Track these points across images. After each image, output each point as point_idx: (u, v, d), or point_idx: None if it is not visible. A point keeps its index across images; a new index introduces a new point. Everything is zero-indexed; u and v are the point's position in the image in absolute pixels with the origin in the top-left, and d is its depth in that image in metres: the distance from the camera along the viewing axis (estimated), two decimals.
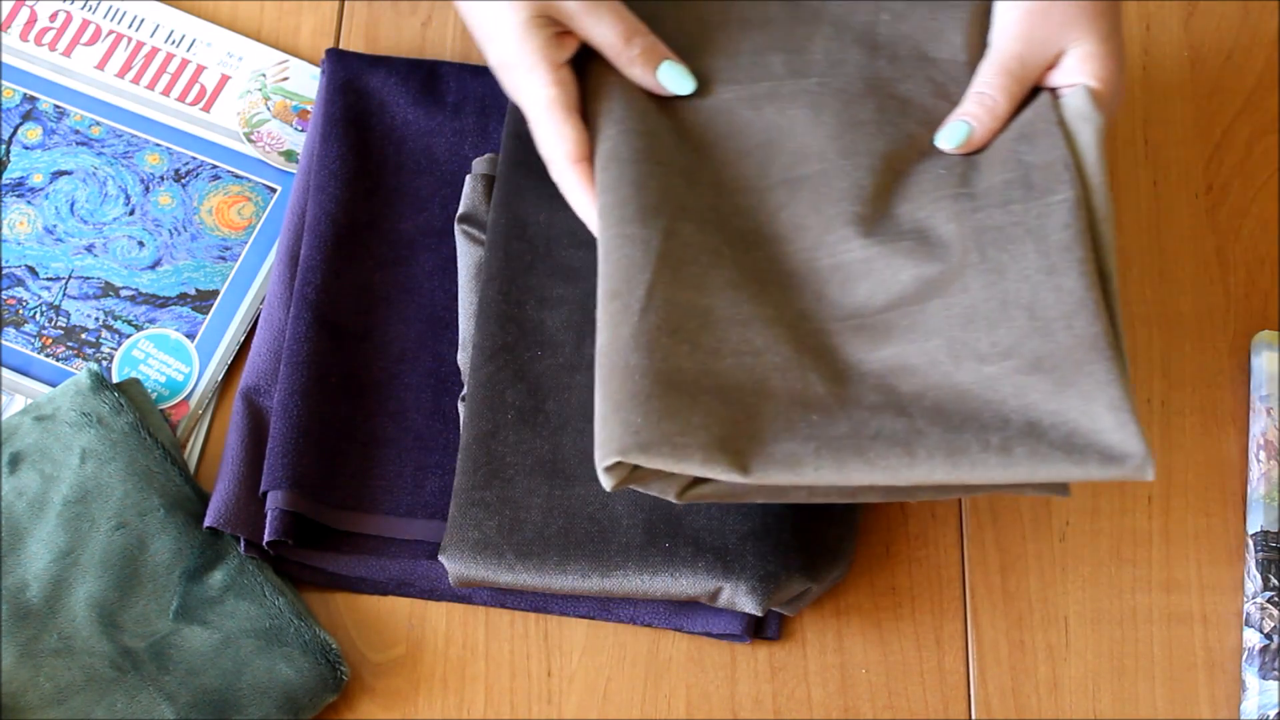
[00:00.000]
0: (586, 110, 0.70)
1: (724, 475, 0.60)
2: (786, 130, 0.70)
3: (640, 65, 0.70)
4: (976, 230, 0.65)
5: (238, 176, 0.82)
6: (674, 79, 0.71)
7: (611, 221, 0.65)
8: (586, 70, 0.71)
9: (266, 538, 0.69)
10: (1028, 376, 0.61)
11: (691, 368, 0.62)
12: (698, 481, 0.62)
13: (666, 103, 0.71)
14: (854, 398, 0.62)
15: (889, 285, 0.65)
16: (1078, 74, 0.69)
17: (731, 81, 0.72)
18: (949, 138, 0.69)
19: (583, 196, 0.69)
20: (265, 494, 0.71)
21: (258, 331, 0.76)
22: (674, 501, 0.62)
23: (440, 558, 0.68)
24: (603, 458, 0.60)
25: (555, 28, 0.69)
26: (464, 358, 0.74)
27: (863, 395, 0.62)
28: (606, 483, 0.60)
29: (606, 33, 0.70)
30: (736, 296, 0.64)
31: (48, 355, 0.76)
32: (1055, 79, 0.70)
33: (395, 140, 0.81)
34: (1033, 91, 0.71)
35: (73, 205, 0.80)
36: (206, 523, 0.70)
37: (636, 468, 0.61)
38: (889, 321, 0.64)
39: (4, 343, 0.76)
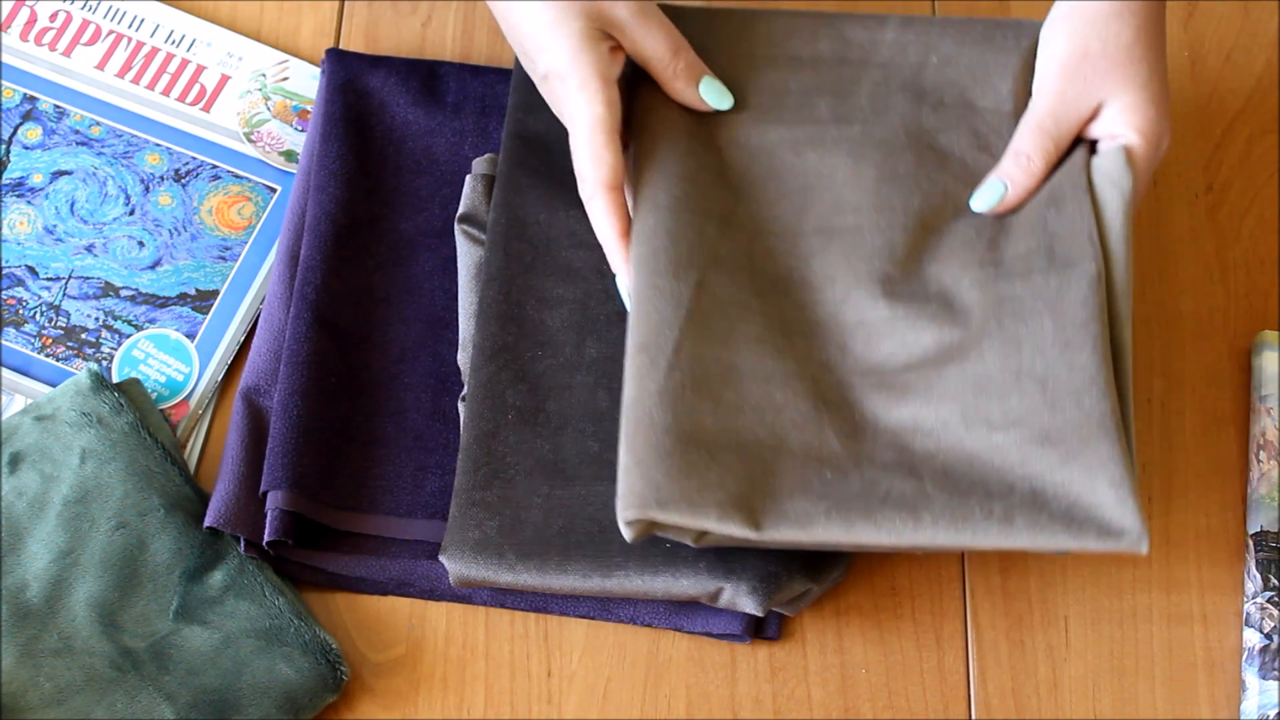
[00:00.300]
0: (630, 145, 0.71)
1: (737, 531, 0.62)
2: (826, 178, 0.72)
3: (684, 79, 0.71)
4: (997, 301, 0.67)
5: (238, 176, 0.82)
6: (714, 94, 0.72)
7: (645, 272, 0.67)
8: (632, 101, 0.72)
9: (266, 538, 0.69)
10: (1035, 447, 0.63)
11: (712, 425, 0.64)
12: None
13: (709, 140, 0.72)
14: (868, 454, 0.64)
15: (910, 347, 0.67)
16: (1117, 125, 0.68)
17: (777, 122, 0.73)
18: (985, 200, 0.70)
19: (607, 223, 0.68)
20: (265, 494, 0.71)
21: (257, 331, 0.76)
22: (691, 545, 0.64)
23: (440, 557, 0.68)
24: (623, 510, 0.62)
25: (609, 42, 0.69)
26: (464, 358, 0.74)
27: (877, 452, 0.64)
28: (628, 534, 0.63)
29: (656, 45, 0.70)
30: (761, 351, 0.66)
31: (48, 355, 0.76)
32: (1095, 130, 0.69)
33: (395, 140, 0.81)
34: (1076, 141, 0.71)
35: (73, 205, 0.80)
36: (206, 523, 0.70)
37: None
38: (907, 382, 0.66)
39: (4, 343, 0.76)
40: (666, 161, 0.70)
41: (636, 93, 0.73)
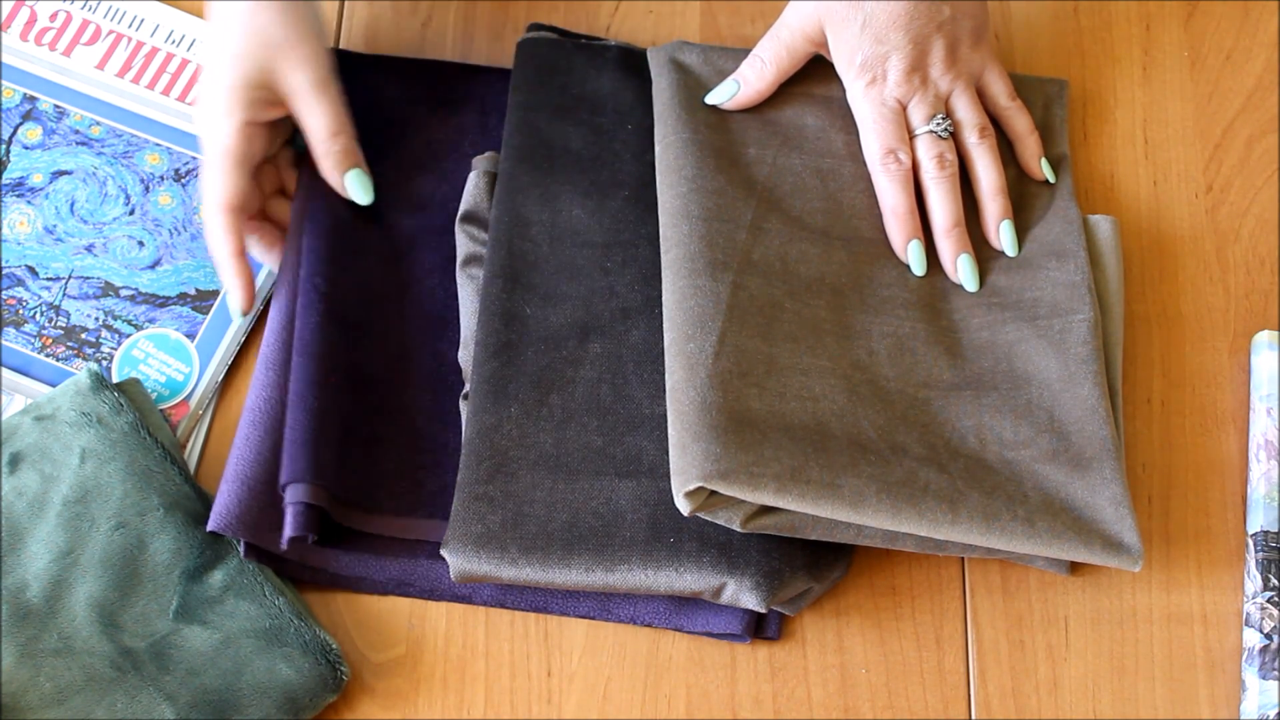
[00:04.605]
0: (658, 165, 0.77)
1: (794, 505, 0.65)
2: (847, 206, 0.77)
3: (333, 161, 0.75)
4: (1008, 343, 0.73)
5: None
6: (357, 187, 0.76)
7: (684, 273, 0.71)
8: (659, 125, 0.78)
9: (288, 534, 0.68)
10: (1044, 465, 0.69)
11: (760, 408, 0.67)
12: (762, 512, 0.66)
13: (737, 159, 0.77)
14: (902, 446, 0.68)
15: (929, 368, 0.72)
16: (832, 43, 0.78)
17: (799, 150, 0.78)
18: (719, 96, 0.79)
19: (223, 242, 0.74)
20: (285, 487, 0.70)
21: (268, 326, 0.75)
22: (737, 530, 0.66)
23: (443, 551, 0.68)
24: (684, 483, 0.65)
25: (268, 95, 0.74)
26: (465, 355, 0.74)
27: (909, 445, 0.68)
28: (684, 507, 0.65)
29: (316, 122, 0.75)
30: (796, 348, 0.70)
31: (48, 355, 0.76)
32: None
33: (396, 139, 0.81)
34: (1063, 191, 0.79)
35: (73, 205, 0.80)
36: (210, 526, 0.69)
37: (713, 493, 0.65)
38: (927, 397, 0.71)
39: (4, 343, 0.76)
40: (697, 177, 0.75)
41: (663, 118, 0.78)
